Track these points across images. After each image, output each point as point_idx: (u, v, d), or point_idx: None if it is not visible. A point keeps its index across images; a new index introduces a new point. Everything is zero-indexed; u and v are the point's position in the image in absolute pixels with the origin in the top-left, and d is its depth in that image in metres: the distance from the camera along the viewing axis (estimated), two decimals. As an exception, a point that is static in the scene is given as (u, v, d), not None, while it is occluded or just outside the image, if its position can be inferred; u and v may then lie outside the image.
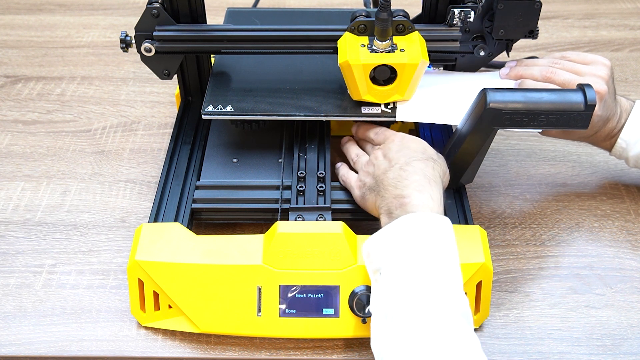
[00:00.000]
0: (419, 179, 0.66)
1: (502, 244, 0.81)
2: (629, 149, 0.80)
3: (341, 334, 0.68)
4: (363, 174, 0.73)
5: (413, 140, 0.72)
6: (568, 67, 0.79)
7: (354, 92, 0.76)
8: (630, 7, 1.29)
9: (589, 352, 0.70)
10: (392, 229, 0.63)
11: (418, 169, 0.67)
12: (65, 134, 0.97)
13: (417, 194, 0.65)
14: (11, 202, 0.86)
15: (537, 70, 0.80)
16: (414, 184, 0.66)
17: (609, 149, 0.82)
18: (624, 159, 0.82)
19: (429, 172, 0.67)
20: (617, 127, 0.80)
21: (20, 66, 1.11)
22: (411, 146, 0.71)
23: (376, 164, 0.71)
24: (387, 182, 0.67)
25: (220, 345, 0.70)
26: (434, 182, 0.67)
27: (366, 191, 0.71)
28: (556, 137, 0.83)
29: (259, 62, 0.85)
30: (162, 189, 0.78)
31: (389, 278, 0.61)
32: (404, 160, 0.68)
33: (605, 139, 0.81)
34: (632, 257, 0.79)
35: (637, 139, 0.79)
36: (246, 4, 1.21)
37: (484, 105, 0.69)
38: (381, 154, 0.72)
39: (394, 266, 0.61)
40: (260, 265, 0.67)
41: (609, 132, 0.80)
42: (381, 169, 0.69)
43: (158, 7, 0.78)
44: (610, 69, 0.79)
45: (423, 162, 0.68)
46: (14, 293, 0.75)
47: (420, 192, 0.65)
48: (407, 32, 0.75)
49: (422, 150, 0.70)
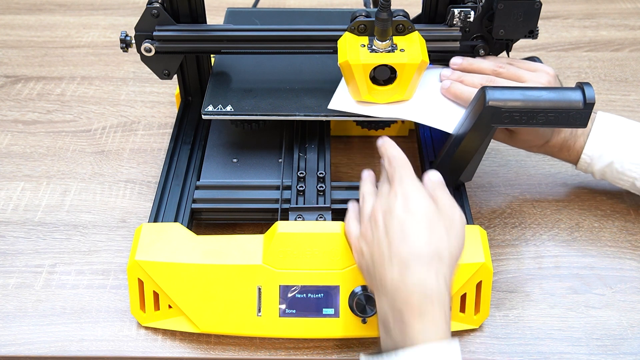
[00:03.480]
0: (419, 297, 0.56)
1: (502, 244, 0.81)
2: (594, 163, 0.79)
3: (341, 334, 0.68)
4: (362, 239, 0.63)
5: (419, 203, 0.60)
6: (512, 72, 0.78)
7: (354, 92, 0.76)
8: (630, 7, 1.29)
9: (589, 352, 0.70)
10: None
11: (419, 281, 0.57)
12: (65, 134, 0.97)
13: (419, 321, 0.56)
14: (11, 202, 0.86)
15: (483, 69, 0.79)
16: (415, 303, 0.56)
17: (572, 162, 0.81)
18: (590, 173, 0.82)
19: (432, 285, 0.57)
20: (573, 138, 0.79)
21: (20, 66, 1.11)
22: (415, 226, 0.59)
23: (375, 234, 0.61)
24: (384, 283, 0.58)
25: (220, 345, 0.70)
26: (437, 299, 0.56)
27: (362, 267, 0.63)
28: (506, 143, 0.80)
29: (259, 62, 0.85)
30: (162, 189, 0.78)
31: None
32: (405, 258, 0.58)
33: (562, 150, 0.80)
34: (632, 257, 0.79)
35: (600, 153, 0.78)
36: (246, 4, 1.21)
37: (483, 104, 0.69)
38: (381, 215, 0.61)
39: None
40: (260, 265, 0.67)
41: (563, 142, 0.79)
42: (379, 254, 0.59)
43: (158, 7, 0.78)
44: (553, 77, 0.77)
45: (426, 267, 0.57)
46: (14, 293, 0.75)
47: (421, 316, 0.56)
48: (407, 32, 0.75)
49: (427, 236, 0.58)
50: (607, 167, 0.79)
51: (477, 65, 0.80)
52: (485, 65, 0.79)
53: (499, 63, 0.79)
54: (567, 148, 0.80)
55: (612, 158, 0.78)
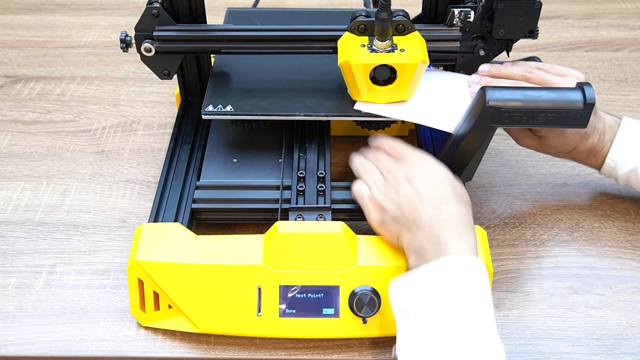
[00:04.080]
0: (455, 223, 0.63)
1: (502, 244, 0.81)
2: (618, 168, 0.79)
3: (341, 334, 0.68)
4: (381, 196, 0.69)
5: (436, 168, 0.69)
6: (541, 77, 0.77)
7: (354, 92, 0.76)
8: (630, 7, 1.29)
9: (589, 352, 0.70)
10: (428, 272, 0.61)
11: (454, 211, 0.64)
12: (65, 134, 0.97)
13: (455, 239, 0.62)
14: (11, 202, 0.86)
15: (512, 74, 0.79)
16: (452, 228, 0.63)
17: (597, 168, 0.81)
18: (614, 178, 0.81)
19: (465, 216, 0.65)
20: (601, 144, 0.79)
21: (20, 66, 1.11)
22: (439, 179, 0.67)
23: (400, 192, 0.67)
24: (419, 219, 0.64)
25: (220, 345, 0.70)
26: (470, 226, 0.65)
27: (388, 219, 0.67)
28: (535, 150, 0.81)
29: (259, 62, 0.85)
30: (162, 189, 0.78)
31: (420, 322, 0.59)
32: (438, 198, 0.65)
33: (589, 156, 0.80)
34: (632, 257, 0.79)
35: (625, 158, 0.78)
36: (246, 4, 1.21)
37: (483, 103, 0.69)
38: (404, 178, 0.68)
39: (427, 310, 0.59)
40: (260, 265, 0.67)
41: (591, 148, 0.79)
42: (409, 202, 0.66)
43: (158, 7, 0.78)
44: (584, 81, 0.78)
45: (458, 205, 0.65)
46: (14, 293, 0.75)
47: (458, 236, 0.63)
48: (407, 32, 0.75)
49: (451, 186, 0.67)
50: (632, 173, 0.79)
51: (506, 71, 0.79)
52: (514, 71, 0.79)
53: (527, 68, 0.79)
54: (594, 154, 0.79)
55: (636, 163, 0.78)
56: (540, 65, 0.80)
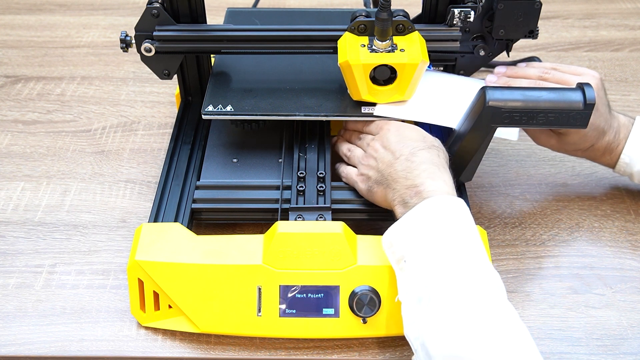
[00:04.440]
0: (428, 167, 0.67)
1: (502, 244, 0.81)
2: (633, 164, 0.80)
3: (341, 334, 0.68)
4: (364, 168, 0.73)
5: (409, 129, 0.73)
6: (557, 77, 0.78)
7: (354, 92, 0.76)
8: (630, 7, 1.29)
9: (589, 352, 0.70)
10: (412, 217, 0.64)
11: (425, 158, 0.68)
12: (65, 134, 0.97)
13: (431, 181, 0.66)
14: (11, 202, 0.86)
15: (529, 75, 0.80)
16: (425, 173, 0.67)
17: (612, 166, 0.82)
18: (628, 175, 0.82)
19: (436, 160, 0.68)
20: (616, 142, 0.79)
21: (20, 66, 1.11)
22: (410, 135, 0.71)
23: (378, 157, 0.71)
24: (395, 174, 0.68)
25: (220, 345, 0.70)
26: (443, 168, 0.68)
27: (373, 185, 0.72)
28: (553, 149, 0.82)
29: (259, 62, 0.85)
30: (162, 189, 0.78)
31: (416, 263, 0.62)
32: (409, 150, 0.69)
33: (604, 154, 0.81)
34: (632, 257, 0.79)
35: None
36: (246, 4, 1.21)
37: (484, 103, 0.69)
38: (380, 145, 0.72)
39: (420, 251, 0.62)
40: (260, 265, 0.67)
41: (607, 146, 0.79)
42: (385, 162, 0.70)
43: (158, 7, 0.78)
44: (599, 80, 0.78)
45: (427, 150, 0.69)
46: (14, 293, 0.75)
47: (432, 179, 0.66)
48: (407, 32, 0.75)
49: (422, 139, 0.71)
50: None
51: (523, 72, 0.80)
52: (531, 72, 0.80)
53: (543, 69, 0.80)
54: (609, 151, 0.80)
55: None
56: (555, 66, 0.81)
